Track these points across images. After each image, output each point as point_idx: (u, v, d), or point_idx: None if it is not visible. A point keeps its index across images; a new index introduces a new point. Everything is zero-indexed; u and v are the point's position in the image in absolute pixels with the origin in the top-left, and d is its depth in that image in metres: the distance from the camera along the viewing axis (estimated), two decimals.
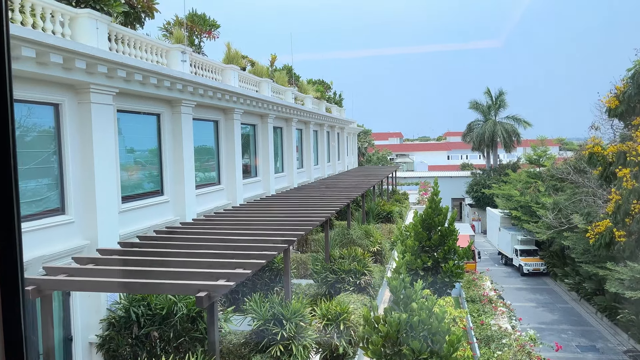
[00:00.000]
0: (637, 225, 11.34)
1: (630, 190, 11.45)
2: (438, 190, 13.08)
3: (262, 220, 13.27)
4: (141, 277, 7.92)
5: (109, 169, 11.49)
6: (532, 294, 36.25)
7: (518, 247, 42.30)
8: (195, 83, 14.61)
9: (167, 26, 18.09)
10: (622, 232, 12.00)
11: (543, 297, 35.27)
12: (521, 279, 40.32)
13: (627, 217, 11.81)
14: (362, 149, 62.27)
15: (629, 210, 11.59)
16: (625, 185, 11.64)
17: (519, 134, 59.31)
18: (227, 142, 18.58)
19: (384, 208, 24.97)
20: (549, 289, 37.55)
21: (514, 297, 32.79)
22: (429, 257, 12.69)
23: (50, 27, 9.97)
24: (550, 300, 34.55)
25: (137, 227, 12.91)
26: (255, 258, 8.74)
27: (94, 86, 10.83)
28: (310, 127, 29.71)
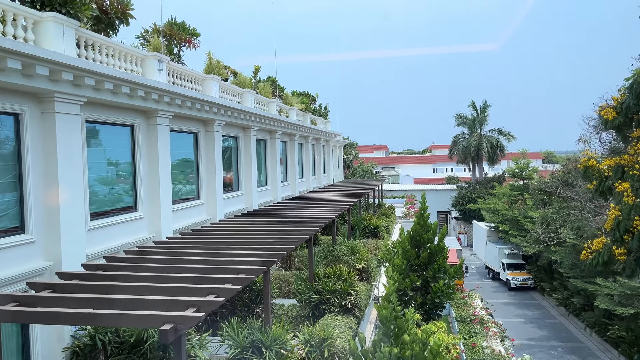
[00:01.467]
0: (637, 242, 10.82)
1: (631, 206, 10.96)
2: (426, 205, 12.45)
3: (242, 238, 12.50)
4: (102, 306, 7.10)
5: (76, 184, 10.65)
6: (520, 309, 35.76)
7: (505, 261, 41.91)
8: (172, 93, 13.88)
9: (144, 34, 17.36)
10: (623, 250, 11.48)
11: (531, 313, 34.79)
12: (509, 293, 39.85)
13: (626, 234, 11.31)
14: (347, 161, 61.79)
15: (630, 226, 11.08)
16: (626, 200, 11.14)
17: (503, 147, 59.39)
18: (207, 154, 17.81)
19: (370, 222, 24.30)
20: (537, 303, 37.10)
21: (502, 313, 32.26)
22: (418, 277, 12.02)
23: (11, 31, 9.19)
24: (538, 316, 34.07)
25: (107, 245, 12.05)
26: (231, 282, 7.98)
27: (58, 95, 10.03)
28: (295, 140, 29.05)
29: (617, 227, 11.49)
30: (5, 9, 9.09)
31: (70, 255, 10.39)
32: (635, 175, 11.02)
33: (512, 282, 40.36)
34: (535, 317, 33.88)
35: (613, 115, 11.94)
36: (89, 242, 11.24)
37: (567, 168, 27.32)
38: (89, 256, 11.17)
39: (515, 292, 39.79)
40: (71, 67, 9.81)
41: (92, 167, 11.95)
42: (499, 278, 43.41)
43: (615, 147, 18.98)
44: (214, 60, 19.90)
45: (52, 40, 10.00)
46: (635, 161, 11.23)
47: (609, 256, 11.73)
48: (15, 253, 9.47)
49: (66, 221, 10.33)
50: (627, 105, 11.40)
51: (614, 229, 11.60)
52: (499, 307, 32.80)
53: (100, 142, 12.60)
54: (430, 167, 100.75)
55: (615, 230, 11.56)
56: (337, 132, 44.16)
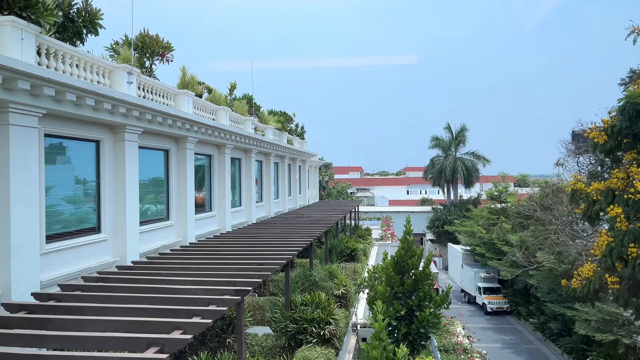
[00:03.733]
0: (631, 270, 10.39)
1: (624, 232, 10.58)
2: (411, 229, 11.85)
3: (214, 263, 11.63)
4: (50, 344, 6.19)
5: (30, 203, 9.67)
6: (497, 333, 35.32)
7: (481, 285, 41.62)
8: (141, 107, 13.05)
9: (114, 46, 16.53)
10: (615, 279, 11.03)
11: (508, 337, 34.37)
12: (485, 317, 39.45)
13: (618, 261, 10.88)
14: (323, 182, 61.24)
15: (623, 253, 10.66)
16: (619, 225, 10.76)
17: (478, 170, 59.80)
18: (178, 173, 16.92)
19: (347, 245, 23.60)
20: (513, 328, 36.75)
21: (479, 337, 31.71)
22: (402, 305, 11.34)
23: None
24: (515, 341, 33.66)
25: (65, 270, 11.02)
26: (201, 315, 7.14)
27: (13, 105, 9.13)
28: (270, 159, 28.34)
29: (609, 254, 11.07)
30: None
31: (21, 282, 9.35)
32: (630, 199, 10.66)
33: (488, 306, 39.99)
34: (512, 342, 33.46)
35: (604, 138, 11.65)
36: (43, 268, 10.21)
37: (544, 191, 27.31)
38: (44, 282, 10.14)
39: (491, 317, 39.41)
40: (28, 74, 8.95)
41: (51, 185, 10.98)
42: (475, 302, 43.03)
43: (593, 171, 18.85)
44: (188, 75, 19.18)
45: (8, 46, 9.14)
46: (627, 185, 10.90)
47: (600, 284, 11.30)
48: None
49: (18, 244, 9.33)
50: (619, 128, 11.12)
51: (606, 255, 11.17)
52: (477, 331, 32.24)
53: (62, 158, 11.65)
54: (405, 189, 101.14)
55: (607, 257, 11.13)
56: (314, 153, 43.65)
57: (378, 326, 6.13)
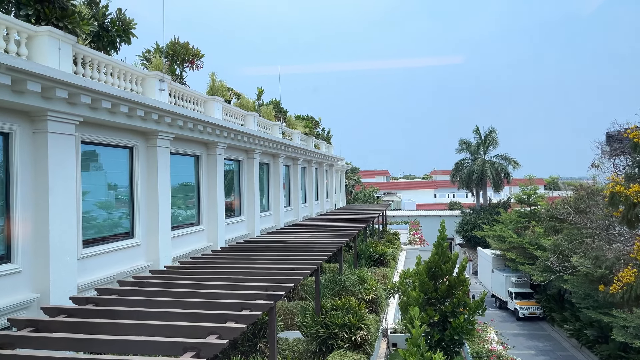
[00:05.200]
0: None
1: None
2: (445, 234, 11.67)
3: (245, 268, 11.68)
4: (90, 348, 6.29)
5: (67, 209, 9.90)
6: (530, 340, 34.51)
7: (513, 290, 40.77)
8: (173, 113, 13.25)
9: (146, 54, 16.84)
10: None
11: (542, 344, 33.53)
12: (517, 323, 38.61)
13: None
14: (349, 186, 61.12)
15: None
16: None
17: (508, 173, 58.71)
18: (209, 178, 17.11)
19: (376, 250, 23.42)
20: (547, 334, 35.84)
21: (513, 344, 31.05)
22: (436, 311, 11.16)
23: (4, 46, 8.60)
24: (549, 348, 32.81)
25: (101, 275, 11.23)
26: (235, 320, 7.16)
27: (52, 113, 9.38)
28: (298, 164, 28.41)
29: None
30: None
31: (59, 286, 9.57)
32: None
33: (520, 311, 39.13)
34: (546, 349, 32.63)
35: None
36: (80, 272, 10.44)
37: (579, 194, 26.58)
38: (81, 286, 10.35)
39: (524, 322, 38.55)
40: (66, 83, 9.18)
41: (87, 191, 11.22)
42: (506, 307, 42.19)
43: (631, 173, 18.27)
44: (217, 82, 19.38)
45: (46, 55, 9.40)
46: None
47: None
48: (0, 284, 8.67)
49: (56, 249, 9.55)
50: None
51: None
52: (509, 338, 31.60)
53: (97, 164, 11.90)
54: (432, 193, 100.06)
55: None
56: (340, 157, 43.60)
57: (415, 332, 6.02)
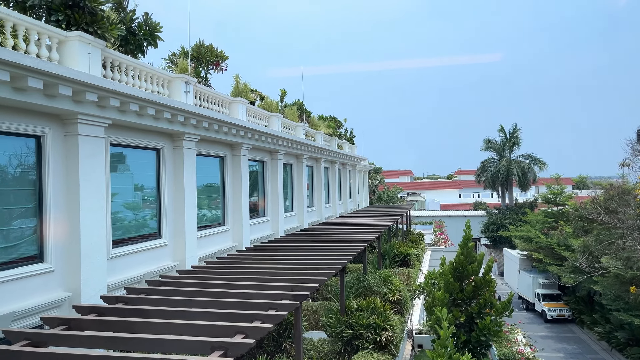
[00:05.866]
0: None
1: None
2: (470, 235, 11.53)
3: (270, 268, 11.75)
4: (121, 347, 6.42)
5: (98, 210, 10.13)
6: (558, 342, 33.81)
7: (540, 291, 40.02)
8: (198, 115, 13.42)
9: (172, 57, 17.11)
10: None
11: (571, 347, 32.82)
12: (545, 325, 37.87)
13: None
14: (372, 186, 60.90)
15: None
16: None
17: (534, 173, 57.67)
18: (233, 179, 17.27)
19: (400, 250, 23.28)
20: (576, 337, 35.06)
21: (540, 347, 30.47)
22: (462, 312, 11.04)
23: (35, 51, 8.84)
24: (579, 350, 32.09)
25: (130, 274, 11.45)
26: (261, 320, 7.21)
27: (82, 116, 9.61)
28: (321, 164, 28.45)
29: None
30: (29, 27, 8.75)
31: (90, 285, 9.80)
32: None
33: (548, 313, 38.38)
34: (575, 352, 31.93)
35: None
36: (110, 271, 10.66)
37: (609, 194, 25.93)
38: (110, 286, 10.57)
39: (552, 324, 37.79)
40: (96, 87, 9.39)
41: (115, 192, 11.46)
42: (533, 309, 41.44)
43: None
44: (241, 84, 19.56)
45: (77, 60, 9.63)
46: None
47: None
48: (33, 283, 8.92)
49: (87, 249, 9.78)
50: None
51: None
52: (537, 340, 31.05)
53: (125, 166, 12.14)
54: (457, 193, 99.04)
55: None
56: (363, 157, 43.50)
57: (443, 333, 5.97)
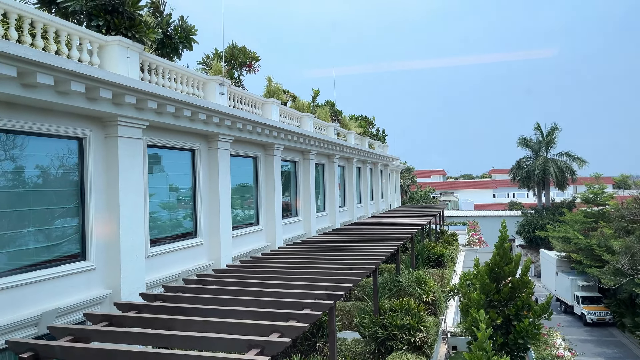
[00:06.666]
0: None
1: None
2: (507, 235, 11.30)
3: (303, 267, 11.81)
4: (161, 343, 6.57)
5: (136, 209, 10.39)
6: (598, 346, 32.79)
7: (579, 294, 38.86)
8: (232, 116, 13.60)
9: (205, 59, 17.40)
10: None
11: (611, 351, 31.77)
12: (584, 329, 36.77)
13: None
14: (404, 186, 60.41)
15: None
16: None
17: (573, 171, 55.98)
18: (266, 179, 17.43)
19: (434, 251, 23.00)
20: (617, 341, 33.91)
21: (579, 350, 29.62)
22: (498, 314, 10.84)
23: (77, 55, 9.13)
24: (619, 355, 31.04)
25: (167, 273, 11.70)
26: (296, 319, 7.26)
27: (121, 118, 9.88)
28: (353, 164, 28.40)
29: None
30: (71, 32, 9.04)
31: (129, 283, 10.06)
32: None
33: (588, 316, 37.24)
34: (616, 356, 30.90)
35: None
36: (148, 270, 10.92)
37: None
38: (148, 284, 10.83)
39: (591, 328, 36.67)
40: (134, 90, 9.63)
41: (153, 192, 11.73)
42: (572, 312, 40.29)
43: None
44: (273, 84, 19.72)
45: (116, 63, 9.91)
46: None
47: None
48: (75, 280, 9.22)
49: (126, 247, 10.05)
50: None
51: None
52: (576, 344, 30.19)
53: (161, 167, 12.41)
54: (491, 193, 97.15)
55: None
56: (395, 156, 43.20)
57: (481, 335, 5.88)
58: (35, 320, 8.17)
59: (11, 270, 8.18)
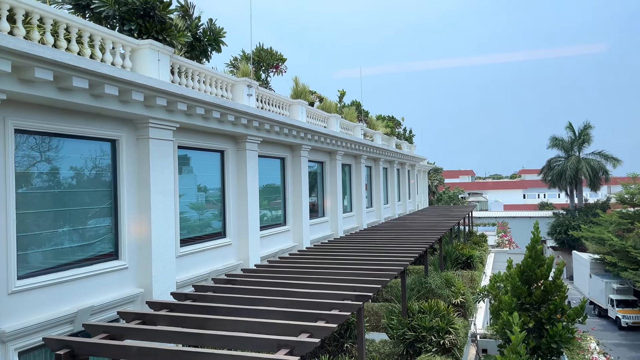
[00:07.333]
0: None
1: None
2: (539, 237, 11.06)
3: (331, 268, 11.81)
4: (193, 342, 6.65)
5: (167, 210, 10.57)
6: (633, 351, 31.80)
7: (614, 297, 37.79)
8: (260, 117, 13.69)
9: (233, 62, 17.59)
10: None
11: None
12: (619, 333, 35.74)
13: None
14: (432, 187, 59.78)
15: None
16: None
17: (606, 171, 54.45)
18: (293, 180, 17.50)
19: (462, 252, 22.68)
20: None
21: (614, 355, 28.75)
22: (530, 317, 10.62)
23: (110, 59, 9.35)
24: None
25: (196, 272, 11.86)
26: (325, 319, 7.25)
27: (152, 120, 10.06)
28: (379, 164, 28.26)
29: None
30: (105, 37, 9.26)
31: (161, 282, 10.24)
32: None
33: (623, 320, 36.18)
34: None
35: None
36: (178, 269, 11.09)
37: None
38: (178, 283, 11.00)
39: (626, 332, 35.61)
40: (165, 92, 9.80)
41: (182, 192, 11.90)
42: (606, 315, 39.22)
43: None
44: (300, 85, 19.79)
45: (147, 66, 10.10)
46: None
47: None
48: (109, 279, 9.43)
49: (158, 247, 10.23)
50: None
51: None
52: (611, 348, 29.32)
53: (191, 168, 12.58)
54: (521, 193, 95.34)
55: None
56: (422, 157, 42.82)
57: (514, 338, 5.76)
58: (70, 318, 8.39)
59: (48, 268, 8.41)
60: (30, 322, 7.73)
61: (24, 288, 7.80)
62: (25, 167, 8.13)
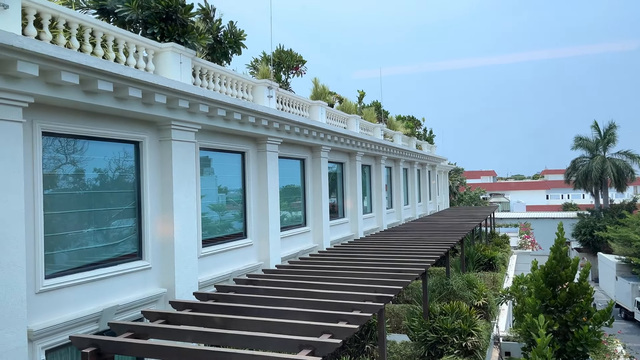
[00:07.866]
0: None
1: None
2: (564, 238, 10.86)
3: (351, 269, 11.78)
4: (216, 341, 6.72)
5: (189, 211, 10.68)
6: None
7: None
8: (281, 119, 13.75)
9: (254, 63, 17.70)
10: None
11: None
12: None
13: None
14: (453, 187, 59.24)
15: None
16: None
17: (633, 171, 53.25)
18: (313, 181, 17.53)
19: (484, 254, 22.40)
20: None
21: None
22: (555, 320, 10.43)
23: (134, 62, 9.50)
24: None
25: (218, 273, 11.97)
26: (346, 320, 7.24)
27: (175, 122, 10.19)
28: (400, 165, 28.11)
29: None
30: (128, 40, 9.41)
31: (183, 282, 10.35)
32: None
33: None
34: None
35: None
36: (200, 269, 11.20)
37: None
38: (200, 283, 11.11)
39: None
40: (187, 94, 9.91)
41: (204, 194, 12.02)
42: (632, 318, 38.33)
43: None
44: (319, 87, 19.82)
45: (169, 69, 10.23)
46: None
47: None
48: (133, 279, 9.58)
49: (180, 248, 10.34)
50: None
51: None
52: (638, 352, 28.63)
53: (212, 169, 12.70)
54: (544, 194, 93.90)
55: None
56: (443, 157, 42.45)
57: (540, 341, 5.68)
58: (96, 317, 8.54)
59: (74, 268, 8.58)
60: (57, 320, 7.89)
61: (51, 287, 7.97)
62: (52, 169, 8.31)
